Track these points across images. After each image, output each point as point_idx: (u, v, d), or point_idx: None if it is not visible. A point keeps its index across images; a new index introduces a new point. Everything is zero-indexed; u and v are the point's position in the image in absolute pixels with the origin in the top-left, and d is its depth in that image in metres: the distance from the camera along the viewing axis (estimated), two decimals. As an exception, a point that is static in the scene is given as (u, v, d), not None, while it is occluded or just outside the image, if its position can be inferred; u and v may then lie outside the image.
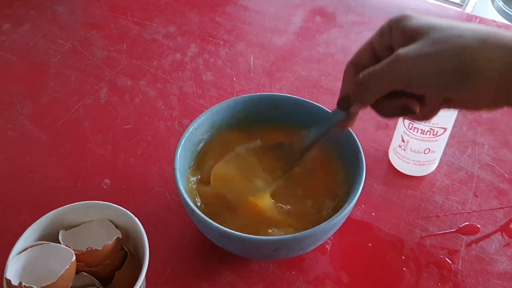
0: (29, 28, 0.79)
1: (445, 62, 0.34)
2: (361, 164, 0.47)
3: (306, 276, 0.50)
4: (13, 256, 0.42)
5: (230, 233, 0.43)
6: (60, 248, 0.43)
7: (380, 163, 0.60)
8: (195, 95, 0.69)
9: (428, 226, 0.54)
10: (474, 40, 0.33)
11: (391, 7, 0.83)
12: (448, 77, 0.34)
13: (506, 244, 0.53)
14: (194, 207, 0.45)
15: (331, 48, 0.76)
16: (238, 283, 0.50)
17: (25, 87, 0.70)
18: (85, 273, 0.43)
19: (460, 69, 0.33)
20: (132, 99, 0.68)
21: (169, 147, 0.62)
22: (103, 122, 0.65)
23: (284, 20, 0.81)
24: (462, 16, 0.81)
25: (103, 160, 0.61)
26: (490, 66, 0.33)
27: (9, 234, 0.52)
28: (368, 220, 0.55)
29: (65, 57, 0.74)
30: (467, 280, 0.50)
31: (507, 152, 0.61)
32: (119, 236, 0.45)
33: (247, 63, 0.73)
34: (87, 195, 0.57)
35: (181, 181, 0.47)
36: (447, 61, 0.34)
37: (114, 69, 0.72)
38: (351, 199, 0.45)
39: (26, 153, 0.61)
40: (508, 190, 0.58)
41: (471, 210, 0.56)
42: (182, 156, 0.49)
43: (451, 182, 0.58)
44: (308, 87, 0.70)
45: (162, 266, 0.51)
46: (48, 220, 0.45)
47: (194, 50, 0.75)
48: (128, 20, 0.80)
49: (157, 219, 0.55)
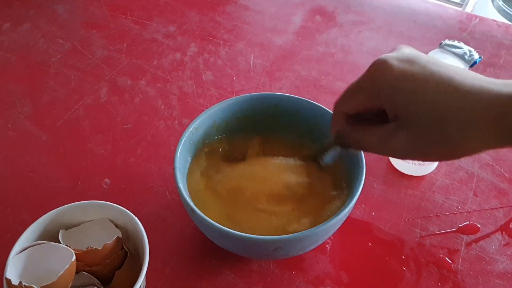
0: (29, 27, 0.79)
1: (433, 150, 0.37)
2: (361, 164, 0.47)
3: (306, 276, 0.50)
4: (13, 256, 0.42)
5: (230, 233, 0.43)
6: (60, 247, 0.43)
7: (380, 163, 0.60)
8: (195, 94, 0.69)
9: (428, 225, 0.54)
10: (453, 109, 0.35)
11: (391, 6, 0.83)
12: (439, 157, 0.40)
13: (506, 243, 0.53)
14: (194, 207, 0.45)
15: (331, 48, 0.76)
16: (238, 283, 0.50)
17: (25, 86, 0.70)
18: (85, 273, 0.43)
19: (448, 153, 0.37)
20: (132, 98, 0.68)
21: (169, 147, 0.62)
22: (103, 121, 0.65)
23: (284, 20, 0.81)
24: (462, 16, 0.81)
25: (103, 159, 0.61)
26: (480, 132, 0.34)
27: (9, 234, 0.52)
28: (368, 220, 0.55)
29: (65, 56, 0.74)
30: (467, 280, 0.50)
31: (507, 151, 0.61)
32: (119, 235, 0.45)
33: (247, 63, 0.73)
34: (87, 195, 0.57)
35: (181, 181, 0.47)
36: (434, 151, 0.37)
37: (114, 68, 0.72)
38: (351, 199, 0.45)
39: (26, 152, 0.61)
40: (508, 190, 0.58)
41: (471, 209, 0.56)
42: (182, 155, 0.49)
43: (451, 182, 0.58)
44: (308, 86, 0.70)
45: (162, 266, 0.51)
46: (48, 220, 0.45)
47: (194, 49, 0.75)
48: (128, 19, 0.80)
49: (157, 219, 0.55)
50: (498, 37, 0.77)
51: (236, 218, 0.47)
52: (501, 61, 0.73)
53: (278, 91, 0.69)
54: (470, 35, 0.77)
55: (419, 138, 0.36)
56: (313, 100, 0.54)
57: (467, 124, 0.34)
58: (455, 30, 0.78)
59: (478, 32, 0.77)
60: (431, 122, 0.35)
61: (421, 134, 0.36)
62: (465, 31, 0.78)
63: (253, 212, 0.48)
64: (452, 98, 0.35)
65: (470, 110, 0.34)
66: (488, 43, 0.76)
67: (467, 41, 0.74)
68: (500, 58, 0.73)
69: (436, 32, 0.78)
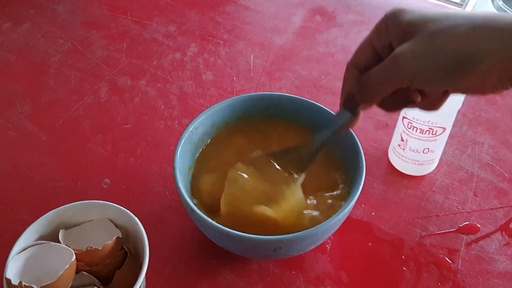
0: (29, 27, 0.79)
1: (443, 58, 0.33)
2: (361, 163, 0.47)
3: (306, 276, 0.50)
4: (13, 256, 0.42)
5: (230, 232, 0.43)
6: (60, 247, 0.43)
7: (379, 163, 0.60)
8: (195, 94, 0.69)
9: (428, 225, 0.54)
10: (471, 29, 0.33)
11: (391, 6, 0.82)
12: (448, 71, 0.34)
13: (506, 243, 0.53)
14: (194, 207, 0.45)
15: (331, 48, 0.76)
16: (238, 282, 0.50)
17: (25, 86, 0.70)
18: (85, 273, 0.43)
19: (459, 63, 0.33)
20: (132, 98, 0.68)
21: (169, 147, 0.62)
22: (103, 121, 0.65)
23: (284, 20, 0.81)
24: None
25: (103, 159, 0.61)
26: (489, 55, 0.32)
27: (9, 234, 0.52)
28: (368, 220, 0.55)
29: (65, 56, 0.74)
30: (467, 280, 0.50)
31: (507, 151, 0.61)
32: (119, 235, 0.45)
33: (247, 63, 0.73)
34: (87, 195, 0.57)
35: (181, 181, 0.47)
36: (445, 56, 0.33)
37: (114, 68, 0.72)
38: (351, 198, 0.45)
39: (26, 152, 0.61)
40: (508, 190, 0.58)
41: (471, 209, 0.56)
42: (182, 155, 0.49)
43: (451, 182, 0.58)
44: (308, 86, 0.70)
45: (162, 266, 0.51)
46: (48, 220, 0.45)
47: (194, 49, 0.75)
48: (128, 19, 0.80)
49: (157, 219, 0.55)
50: (498, 37, 0.76)
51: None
52: (501, 61, 0.73)
53: (278, 91, 0.69)
54: (470, 35, 0.77)
55: (428, 40, 0.34)
56: (313, 100, 0.54)
57: (483, 40, 0.32)
58: (455, 30, 0.78)
59: (478, 32, 0.77)
60: (442, 27, 0.34)
61: (432, 38, 0.34)
62: (465, 31, 0.78)
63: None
64: (469, 19, 0.33)
65: (484, 38, 0.32)
66: (488, 43, 0.75)
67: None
68: (500, 58, 0.73)
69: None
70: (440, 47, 0.34)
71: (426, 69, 0.34)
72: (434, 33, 0.34)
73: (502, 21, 0.33)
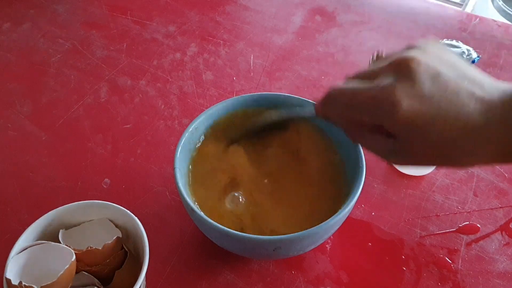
0: (29, 27, 0.79)
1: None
2: (361, 163, 0.47)
3: (306, 276, 0.50)
4: (13, 256, 0.42)
5: (230, 232, 0.43)
6: (60, 247, 0.43)
7: (380, 163, 0.60)
8: (195, 94, 0.69)
9: (428, 225, 0.54)
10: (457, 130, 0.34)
11: (391, 6, 0.83)
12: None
13: (506, 243, 0.53)
14: (194, 207, 0.45)
15: (331, 48, 0.76)
16: (238, 282, 0.50)
17: (25, 86, 0.70)
18: (85, 273, 0.43)
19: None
20: (132, 98, 0.68)
21: (169, 147, 0.62)
22: (103, 121, 0.65)
23: (284, 20, 0.81)
24: (462, 16, 0.81)
25: (103, 159, 0.61)
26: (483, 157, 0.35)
27: (9, 234, 0.52)
28: (368, 220, 0.55)
29: (65, 56, 0.74)
30: (467, 280, 0.50)
31: (507, 151, 0.61)
32: (119, 235, 0.45)
33: (247, 63, 0.73)
34: (87, 195, 0.57)
35: (181, 181, 0.47)
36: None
37: (114, 68, 0.72)
38: (351, 198, 0.45)
39: (26, 152, 0.61)
40: (508, 190, 0.58)
41: (471, 209, 0.56)
42: (182, 155, 0.49)
43: (451, 182, 0.58)
44: (308, 86, 0.70)
45: (162, 266, 0.51)
46: (48, 220, 0.45)
47: (194, 49, 0.75)
48: (128, 19, 0.80)
49: (157, 219, 0.55)
50: (498, 37, 0.77)
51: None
52: (501, 61, 0.73)
53: (278, 91, 0.69)
54: (470, 35, 0.77)
55: (419, 155, 0.37)
56: (313, 100, 0.54)
57: (471, 152, 0.34)
58: (455, 30, 0.78)
59: (478, 32, 0.77)
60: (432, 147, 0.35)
61: (421, 155, 0.37)
62: (465, 31, 0.78)
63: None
64: (460, 136, 0.35)
65: (473, 141, 0.34)
66: (488, 43, 0.76)
67: (467, 41, 0.74)
68: (500, 58, 0.73)
69: (436, 32, 0.78)
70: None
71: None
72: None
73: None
